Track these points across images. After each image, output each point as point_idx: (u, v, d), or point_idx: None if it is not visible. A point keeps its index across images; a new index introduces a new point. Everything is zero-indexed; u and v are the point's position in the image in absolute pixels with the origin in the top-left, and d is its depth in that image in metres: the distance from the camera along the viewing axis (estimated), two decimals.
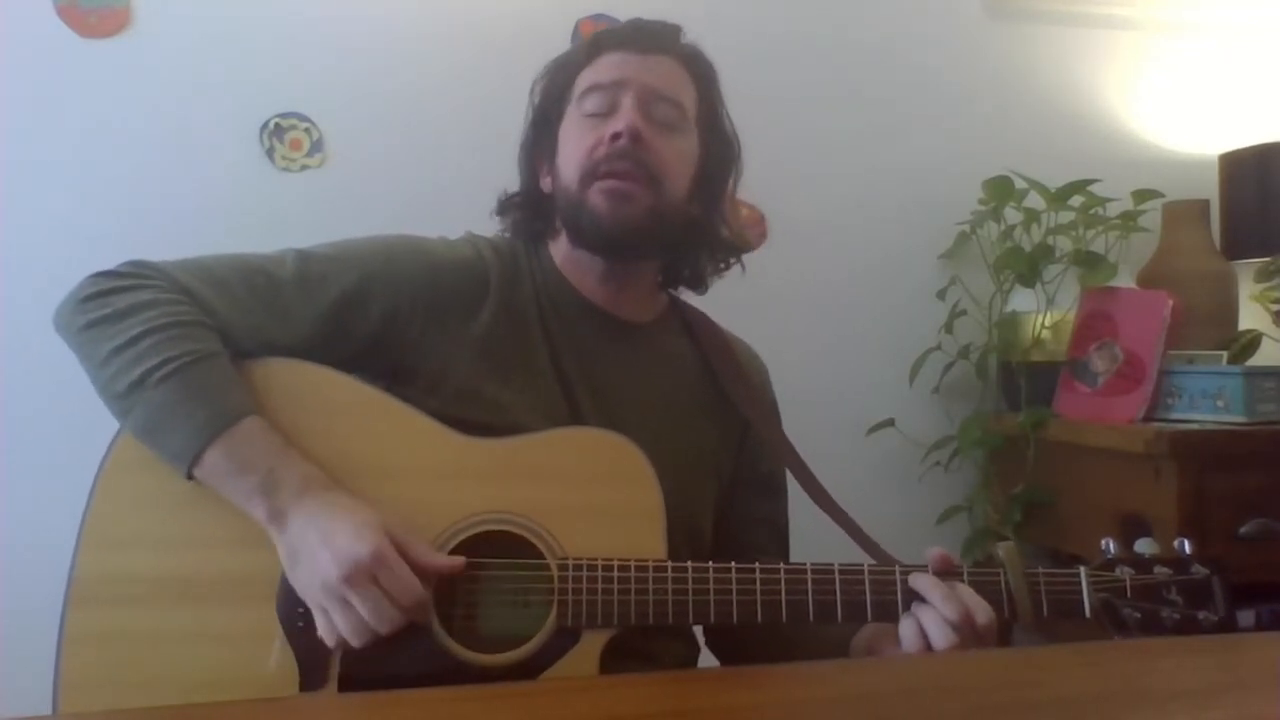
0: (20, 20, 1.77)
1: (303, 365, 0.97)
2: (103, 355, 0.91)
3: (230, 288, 0.97)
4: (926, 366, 2.03)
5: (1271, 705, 0.73)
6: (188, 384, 0.89)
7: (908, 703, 0.76)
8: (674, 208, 1.06)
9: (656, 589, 0.91)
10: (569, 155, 1.06)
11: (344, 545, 0.84)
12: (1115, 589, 0.93)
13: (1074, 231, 1.90)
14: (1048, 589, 0.93)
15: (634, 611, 0.90)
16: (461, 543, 0.92)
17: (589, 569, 0.91)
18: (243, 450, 0.88)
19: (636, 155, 1.01)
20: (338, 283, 1.00)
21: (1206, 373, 1.69)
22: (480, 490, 0.93)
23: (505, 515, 0.92)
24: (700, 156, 1.10)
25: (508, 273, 1.08)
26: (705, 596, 0.91)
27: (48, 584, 0.92)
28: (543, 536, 0.92)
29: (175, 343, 0.90)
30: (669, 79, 1.07)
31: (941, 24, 2.15)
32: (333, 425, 0.94)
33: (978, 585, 0.93)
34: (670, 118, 1.05)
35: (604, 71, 1.05)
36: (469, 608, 0.93)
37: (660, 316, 1.16)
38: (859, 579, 0.92)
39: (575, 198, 1.04)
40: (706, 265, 1.15)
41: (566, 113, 1.08)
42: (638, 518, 0.94)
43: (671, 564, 0.92)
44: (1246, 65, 2.28)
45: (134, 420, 0.91)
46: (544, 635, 0.90)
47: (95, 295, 0.94)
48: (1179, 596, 0.93)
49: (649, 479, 0.95)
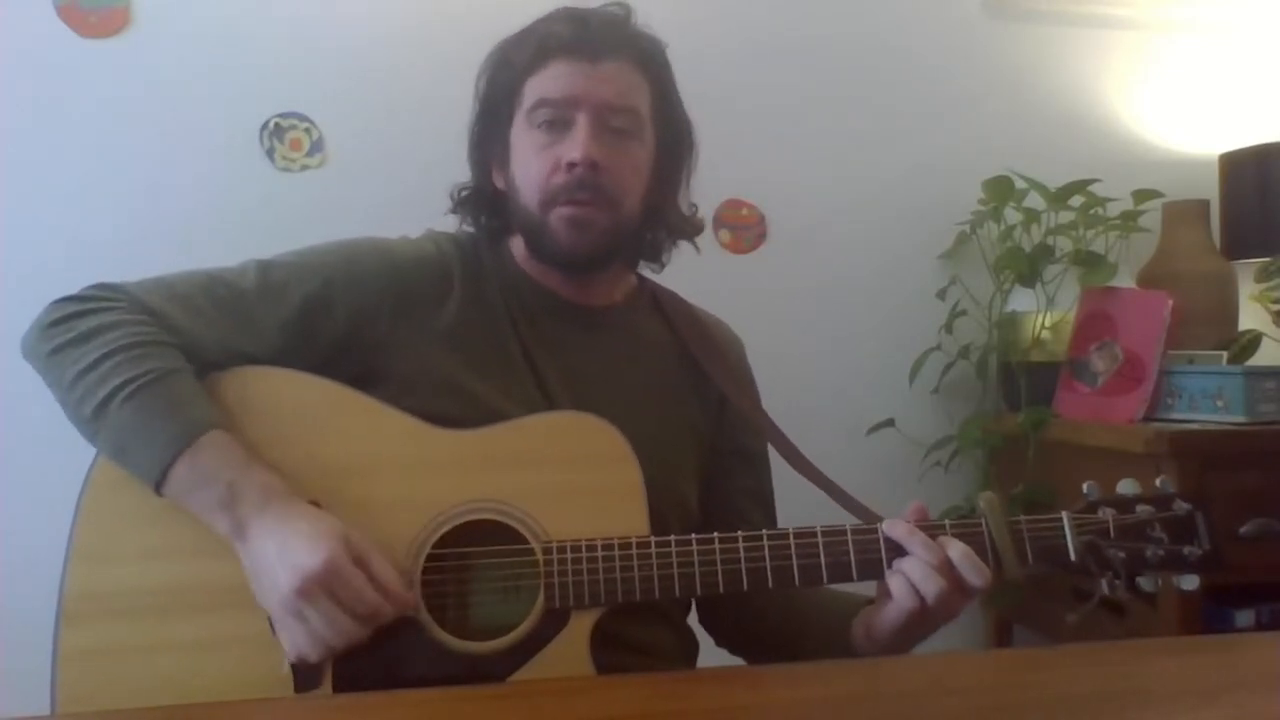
0: (20, 20, 1.77)
1: (275, 372, 0.97)
2: (69, 380, 0.92)
3: (194, 303, 0.97)
4: (926, 366, 2.03)
5: (1271, 705, 0.73)
6: (150, 403, 0.89)
7: (908, 703, 0.77)
8: (632, 218, 1.06)
9: (641, 565, 0.91)
10: (525, 173, 1.05)
11: (298, 557, 0.83)
12: (1099, 530, 0.92)
13: (1074, 231, 1.90)
14: (1031, 536, 0.93)
15: (620, 589, 0.91)
16: (446, 534, 0.92)
17: (573, 550, 0.91)
18: (204, 465, 0.88)
19: (595, 182, 1.01)
20: (300, 289, 1.00)
21: (1206, 373, 1.69)
22: (460, 481, 0.94)
23: (487, 504, 0.93)
24: (655, 151, 1.09)
25: (470, 266, 1.08)
26: (690, 569, 0.91)
27: (47, 584, 0.92)
28: (525, 522, 0.93)
29: (136, 362, 0.90)
30: (622, 88, 1.04)
31: (941, 24, 2.15)
32: (308, 429, 0.94)
33: (960, 537, 0.92)
34: (626, 126, 1.04)
35: (553, 85, 1.02)
36: (458, 598, 0.93)
37: (628, 296, 1.16)
38: (842, 540, 0.92)
39: (535, 219, 1.04)
40: (664, 243, 1.15)
41: (515, 117, 1.06)
42: (619, 496, 0.95)
43: (655, 539, 0.92)
44: (1246, 65, 2.28)
45: (103, 443, 0.91)
46: (533, 619, 0.91)
47: (60, 320, 0.95)
48: (1163, 533, 0.92)
49: (627, 457, 0.95)
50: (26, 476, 1.73)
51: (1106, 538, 0.92)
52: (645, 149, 1.07)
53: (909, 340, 2.04)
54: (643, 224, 1.09)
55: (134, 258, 1.70)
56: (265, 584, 0.85)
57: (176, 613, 0.89)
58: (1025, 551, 0.92)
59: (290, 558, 0.83)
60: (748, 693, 0.81)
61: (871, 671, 0.90)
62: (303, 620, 0.83)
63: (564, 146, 1.01)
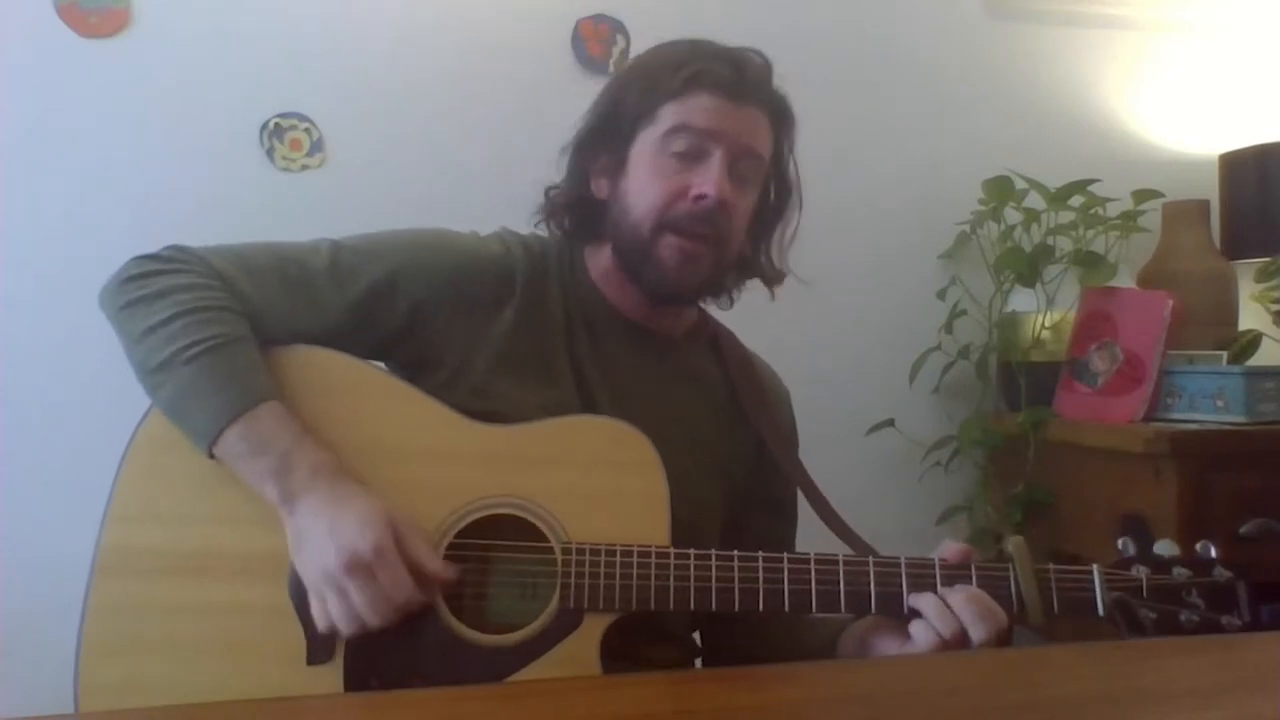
0: (20, 20, 1.77)
1: (328, 353, 1.00)
2: (138, 333, 0.95)
3: (264, 276, 1.00)
4: (926, 366, 2.03)
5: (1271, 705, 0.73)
6: (213, 366, 0.92)
7: (908, 703, 0.76)
8: (731, 259, 1.08)
9: (659, 574, 0.91)
10: (644, 190, 1.04)
11: (348, 536, 0.86)
12: (1131, 588, 0.90)
13: (1074, 231, 1.91)
14: (1059, 586, 0.92)
15: (636, 596, 0.91)
16: (469, 525, 0.93)
17: (592, 553, 0.92)
18: (260, 433, 0.91)
19: (715, 219, 1.02)
20: (368, 275, 1.02)
21: (1206, 373, 1.70)
22: (489, 474, 0.95)
23: (512, 499, 0.94)
24: (760, 199, 1.11)
25: (536, 273, 1.08)
26: (707, 583, 0.92)
27: (48, 585, 0.92)
28: (548, 520, 0.94)
29: (205, 326, 0.93)
30: (757, 134, 1.06)
31: (941, 24, 2.15)
32: (353, 409, 0.97)
33: (986, 580, 0.92)
34: (750, 173, 1.06)
35: (697, 115, 1.02)
36: (475, 589, 0.94)
37: (690, 331, 1.16)
38: (864, 570, 0.92)
39: (643, 240, 1.04)
40: (735, 286, 1.16)
41: (642, 135, 1.05)
42: (642, 504, 0.95)
43: (674, 550, 0.93)
44: (1246, 65, 2.28)
45: (162, 397, 0.94)
46: (547, 616, 0.91)
47: (136, 276, 0.98)
48: (1200, 599, 0.90)
49: (654, 466, 0.96)
50: (26, 476, 1.73)
51: (1139, 596, 0.90)
52: (757, 195, 1.09)
53: (909, 340, 2.04)
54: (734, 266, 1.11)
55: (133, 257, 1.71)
56: (310, 555, 0.88)
57: (204, 576, 0.92)
58: (1051, 601, 0.91)
59: (340, 536, 0.86)
60: (748, 693, 0.81)
61: (871, 671, 0.90)
62: (343, 595, 0.86)
63: (696, 177, 1.02)
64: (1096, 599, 0.90)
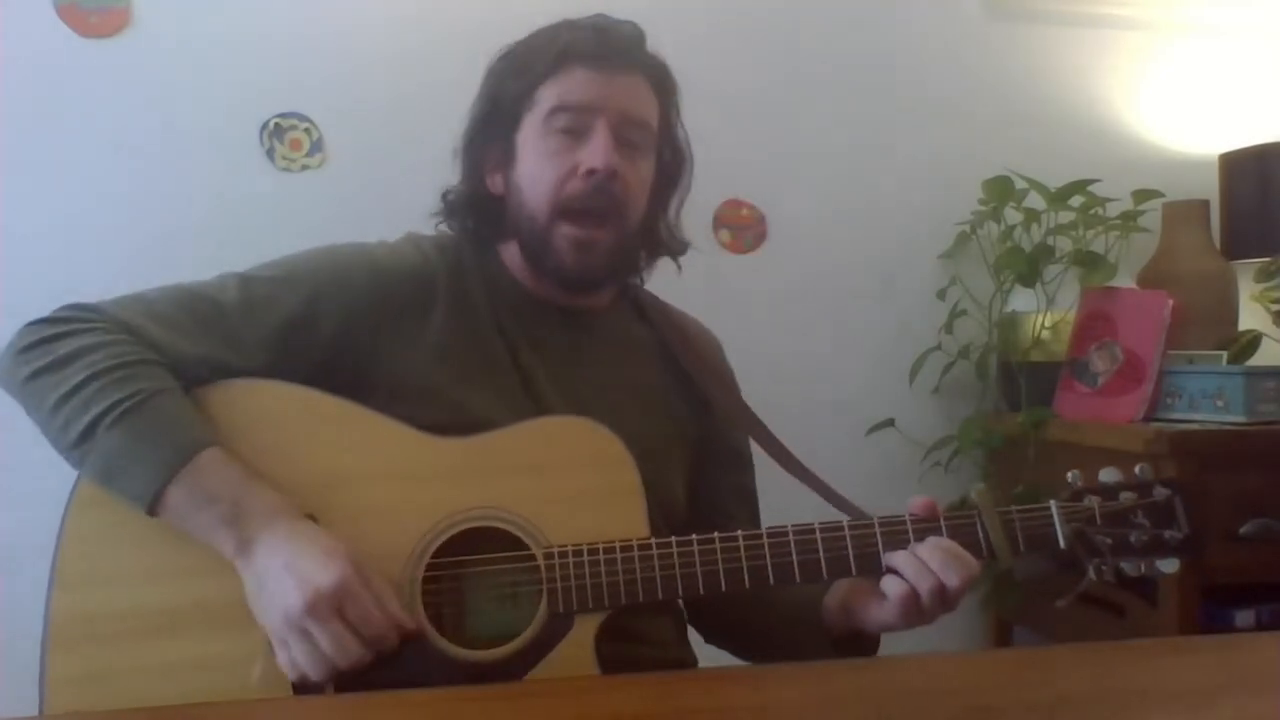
0: (20, 20, 1.76)
1: (270, 383, 0.96)
2: (50, 405, 0.89)
3: (175, 320, 0.96)
4: (926, 366, 2.03)
5: (1271, 705, 0.73)
6: (139, 426, 0.87)
7: (908, 703, 0.77)
8: (633, 234, 1.08)
9: (644, 567, 0.91)
10: (535, 177, 1.04)
11: (309, 571, 0.82)
12: (1086, 518, 0.95)
13: (1074, 231, 1.90)
14: (1022, 525, 0.95)
15: (624, 592, 0.91)
16: (445, 543, 0.92)
17: (575, 555, 0.91)
18: (205, 484, 0.87)
19: (610, 191, 1.02)
20: (284, 303, 0.99)
21: (1206, 373, 1.69)
22: (458, 489, 0.93)
23: (486, 511, 0.93)
24: (654, 170, 1.10)
25: (455, 272, 1.07)
26: (692, 569, 0.92)
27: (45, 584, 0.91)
28: (525, 528, 0.93)
29: (122, 384, 0.88)
30: (638, 100, 1.05)
31: (941, 24, 2.15)
32: (306, 438, 0.94)
33: (955, 530, 0.95)
34: (639, 140, 1.05)
35: (573, 91, 1.02)
36: (459, 606, 0.93)
37: (613, 300, 1.16)
38: (840, 536, 0.94)
39: (540, 230, 1.04)
40: (647, 265, 1.17)
41: (525, 121, 1.05)
42: (618, 499, 0.95)
43: (655, 540, 0.92)
44: (1246, 65, 2.28)
45: (90, 468, 0.89)
46: (537, 625, 0.91)
47: (36, 344, 0.92)
48: (1145, 519, 0.96)
49: (624, 460, 0.96)
50: (26, 476, 1.73)
51: (1093, 524, 0.95)
52: (650, 165, 1.08)
53: (909, 340, 2.04)
54: (639, 241, 1.10)
55: (134, 257, 1.71)
56: (270, 601, 0.84)
57: (167, 634, 0.88)
58: (1018, 541, 0.95)
59: (300, 574, 0.82)
60: (748, 693, 0.81)
61: (871, 671, 0.90)
62: (307, 639, 0.82)
63: (583, 153, 1.01)
64: (1057, 533, 0.95)
